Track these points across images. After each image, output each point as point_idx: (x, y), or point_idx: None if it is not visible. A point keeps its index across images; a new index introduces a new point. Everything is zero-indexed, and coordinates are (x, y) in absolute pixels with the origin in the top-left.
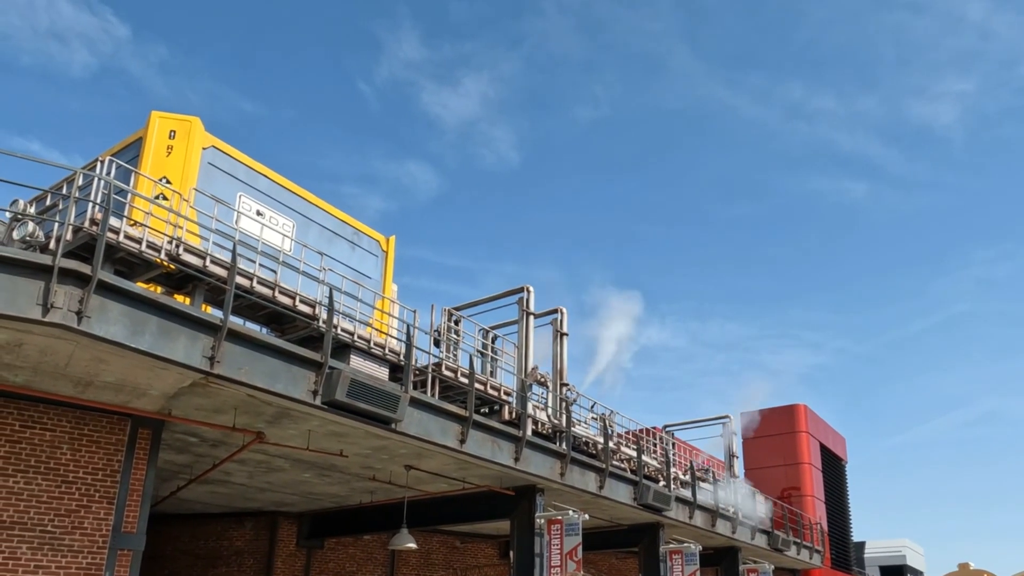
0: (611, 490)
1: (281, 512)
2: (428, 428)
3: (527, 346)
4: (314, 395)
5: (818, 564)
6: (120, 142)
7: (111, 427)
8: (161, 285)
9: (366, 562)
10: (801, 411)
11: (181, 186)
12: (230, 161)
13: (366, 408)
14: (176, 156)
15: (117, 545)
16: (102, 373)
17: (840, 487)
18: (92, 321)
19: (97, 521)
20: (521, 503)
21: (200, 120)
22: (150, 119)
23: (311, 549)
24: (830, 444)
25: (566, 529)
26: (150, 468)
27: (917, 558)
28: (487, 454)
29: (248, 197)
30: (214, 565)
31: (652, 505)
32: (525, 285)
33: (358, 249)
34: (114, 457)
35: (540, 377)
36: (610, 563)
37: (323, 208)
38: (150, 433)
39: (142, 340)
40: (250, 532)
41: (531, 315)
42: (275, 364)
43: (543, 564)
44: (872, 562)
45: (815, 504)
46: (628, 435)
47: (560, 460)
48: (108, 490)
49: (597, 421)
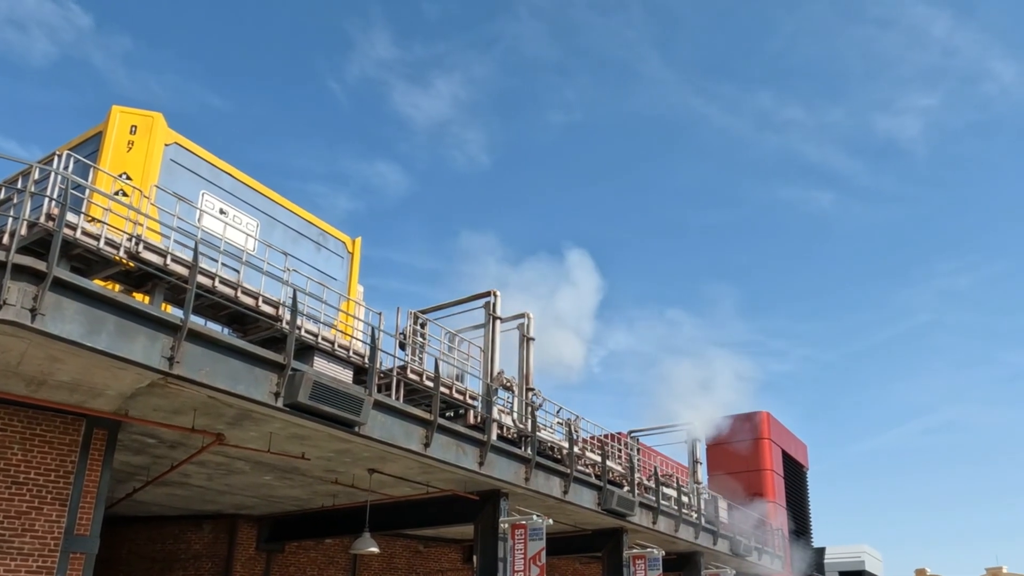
0: (576, 495)
1: (241, 515)
2: (392, 431)
3: (493, 350)
4: (276, 397)
5: (779, 569)
6: (79, 136)
7: (65, 427)
8: (120, 283)
9: (327, 566)
10: (764, 418)
11: (142, 183)
12: (193, 158)
13: (329, 411)
14: (137, 152)
15: (69, 548)
16: (56, 372)
17: (801, 493)
18: (46, 319)
19: (49, 523)
20: (485, 507)
21: (163, 116)
22: (111, 113)
23: (271, 553)
24: (792, 451)
25: (530, 534)
26: (105, 469)
27: (875, 563)
28: (451, 458)
29: (211, 195)
30: (171, 568)
31: (616, 510)
32: (492, 289)
33: (323, 250)
34: (67, 458)
35: (506, 381)
36: (574, 568)
37: (288, 208)
38: (106, 434)
39: (99, 339)
40: (209, 535)
41: (498, 319)
42: (237, 365)
43: (506, 569)
44: (832, 567)
45: (777, 510)
46: (593, 440)
47: (525, 465)
48: (61, 492)
49: (563, 426)
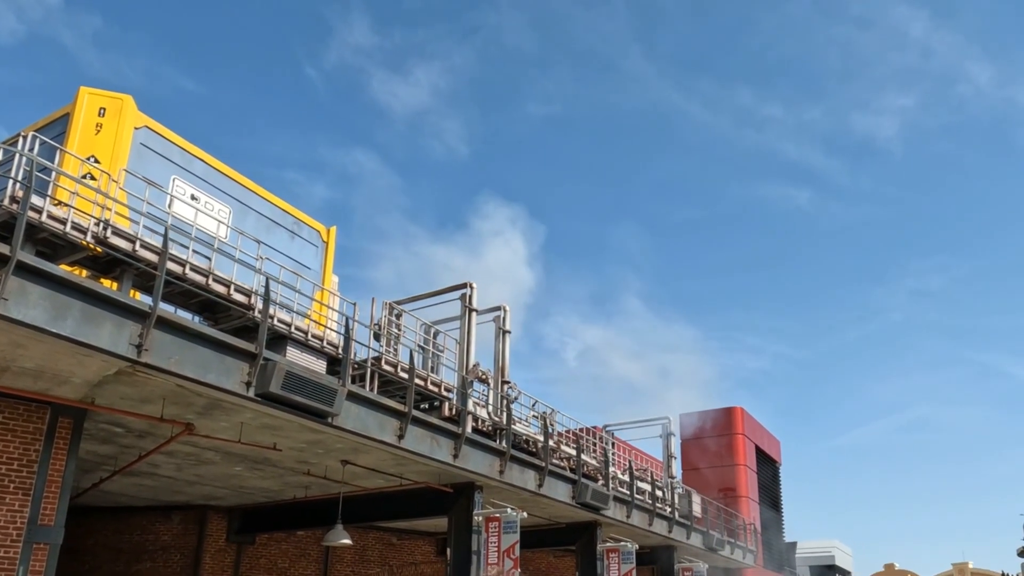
0: (550, 488)
1: (211, 506)
2: (366, 423)
3: (469, 342)
4: (247, 387)
5: (751, 564)
6: (45, 117)
7: (28, 415)
8: (87, 269)
9: (299, 558)
10: (738, 414)
11: (110, 166)
12: (164, 143)
13: (301, 401)
14: (106, 135)
15: (33, 538)
16: (20, 358)
17: (774, 489)
18: (9, 304)
19: (11, 513)
20: (459, 500)
21: (133, 99)
22: (78, 95)
23: (242, 544)
24: (765, 447)
25: (504, 527)
26: (70, 459)
27: (846, 558)
28: (425, 450)
29: (182, 181)
30: (138, 560)
31: (590, 504)
32: (468, 281)
33: (297, 239)
34: (31, 447)
35: (481, 374)
36: (548, 561)
37: (262, 195)
38: (71, 422)
39: (64, 325)
40: (178, 526)
41: (474, 311)
42: (207, 354)
43: (480, 561)
44: (803, 562)
45: (750, 505)
46: (568, 434)
47: (500, 458)
48: (24, 481)
49: (538, 419)
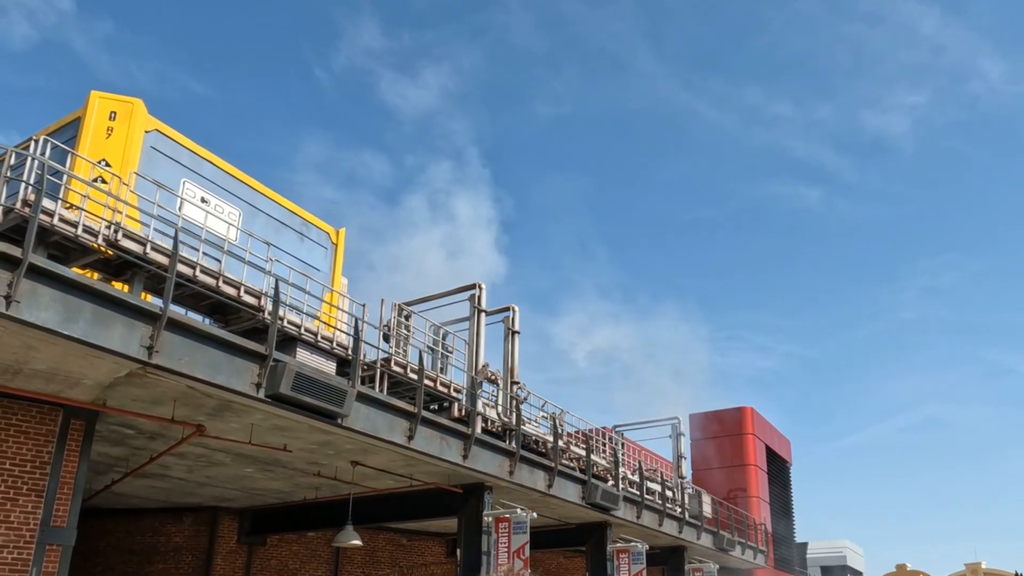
0: (560, 489)
1: (222, 508)
2: (375, 424)
3: (478, 343)
4: (257, 388)
5: (762, 564)
6: (57, 121)
7: (41, 417)
8: (98, 271)
9: (310, 559)
10: (748, 414)
11: (121, 170)
12: (174, 146)
13: (311, 402)
14: (116, 138)
15: (45, 540)
16: (32, 361)
17: (785, 489)
18: (21, 306)
19: (24, 515)
20: (469, 501)
21: (143, 102)
22: (90, 99)
23: (252, 546)
24: (775, 446)
25: (514, 527)
26: (82, 460)
27: (857, 559)
28: (435, 451)
29: (192, 183)
30: (150, 561)
31: (600, 504)
32: (477, 282)
33: (307, 240)
34: (44, 448)
35: (491, 375)
36: (558, 562)
37: (271, 197)
38: (83, 424)
39: (75, 327)
40: (189, 528)
41: (483, 312)
42: (217, 355)
43: (490, 562)
44: (814, 562)
45: (760, 505)
46: (578, 434)
47: (509, 458)
48: (37, 483)
49: (547, 420)
